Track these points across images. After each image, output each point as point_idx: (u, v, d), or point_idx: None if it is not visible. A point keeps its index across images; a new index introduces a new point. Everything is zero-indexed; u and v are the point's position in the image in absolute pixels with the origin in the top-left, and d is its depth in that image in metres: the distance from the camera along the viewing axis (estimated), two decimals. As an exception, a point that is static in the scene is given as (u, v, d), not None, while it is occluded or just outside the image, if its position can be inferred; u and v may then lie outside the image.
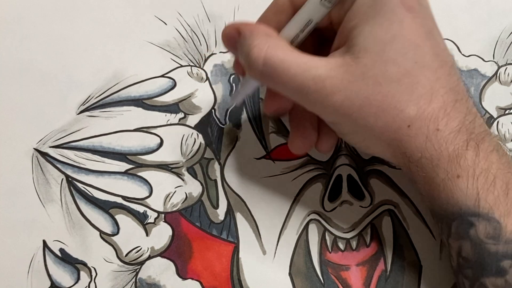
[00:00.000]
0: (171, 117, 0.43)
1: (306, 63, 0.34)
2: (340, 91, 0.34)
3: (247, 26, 0.36)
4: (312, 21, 0.35)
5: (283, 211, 0.42)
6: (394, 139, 0.35)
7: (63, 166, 0.42)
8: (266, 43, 0.34)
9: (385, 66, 0.33)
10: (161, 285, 0.41)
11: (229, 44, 0.37)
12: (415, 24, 0.34)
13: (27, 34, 0.43)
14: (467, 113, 0.34)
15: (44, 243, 0.41)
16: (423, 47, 0.34)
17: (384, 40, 0.33)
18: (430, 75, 0.34)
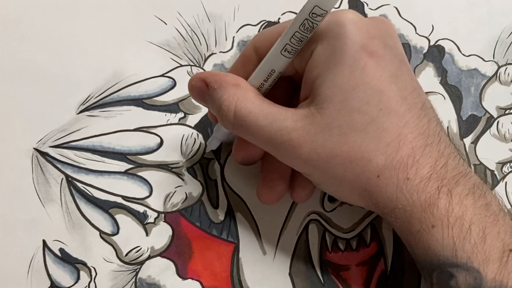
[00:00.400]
0: (171, 116, 0.43)
1: (273, 115, 0.34)
2: (306, 143, 0.33)
3: (214, 77, 0.36)
4: (275, 71, 0.35)
5: (283, 211, 0.42)
6: (365, 190, 0.34)
7: (63, 166, 0.42)
8: (235, 95, 0.35)
9: (349, 115, 0.33)
10: (161, 285, 0.41)
11: (198, 97, 0.38)
12: (378, 69, 0.33)
13: (27, 34, 0.43)
14: (439, 157, 0.33)
15: (44, 242, 0.41)
16: (387, 92, 0.33)
17: (347, 89, 0.33)
18: (397, 121, 0.33)
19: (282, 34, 0.34)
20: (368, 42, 0.33)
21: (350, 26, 0.33)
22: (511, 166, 0.44)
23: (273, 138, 0.34)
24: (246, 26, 0.44)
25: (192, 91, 0.38)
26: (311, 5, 0.31)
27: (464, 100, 0.45)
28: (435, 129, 0.34)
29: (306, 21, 0.32)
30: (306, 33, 0.32)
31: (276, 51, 0.34)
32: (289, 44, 0.33)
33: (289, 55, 0.34)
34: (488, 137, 0.44)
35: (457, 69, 0.45)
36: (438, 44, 0.45)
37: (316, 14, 0.31)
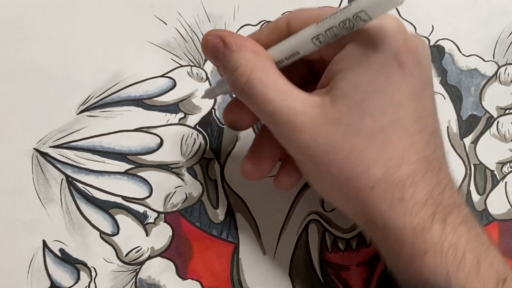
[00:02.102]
0: (171, 117, 0.43)
1: (285, 92, 0.33)
2: (310, 130, 0.32)
3: (234, 39, 0.35)
4: (299, 53, 0.34)
5: (283, 211, 0.42)
6: (356, 197, 0.33)
7: (63, 166, 0.42)
8: (253, 62, 0.34)
9: (361, 117, 0.32)
10: (161, 285, 0.41)
11: (211, 53, 0.35)
12: (403, 82, 0.32)
13: (27, 34, 0.43)
14: (437, 184, 0.32)
15: (44, 243, 0.41)
16: (405, 108, 0.32)
17: (366, 91, 0.32)
18: (406, 138, 0.32)
19: (319, 21, 0.32)
20: (402, 53, 0.32)
21: (390, 32, 0.32)
22: (511, 166, 0.44)
23: (278, 115, 0.33)
24: (246, 26, 0.44)
25: (206, 46, 0.35)
26: (358, 9, 0.30)
27: (464, 100, 0.45)
28: (439, 158, 0.33)
29: (348, 21, 0.31)
30: (343, 31, 0.32)
31: (308, 36, 0.33)
32: (322, 35, 0.32)
33: (319, 44, 0.33)
34: (488, 137, 0.44)
35: (457, 69, 0.45)
36: (438, 44, 0.45)
37: (360, 18, 0.30)
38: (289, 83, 0.34)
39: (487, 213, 0.44)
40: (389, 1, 0.29)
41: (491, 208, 0.44)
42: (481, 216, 0.44)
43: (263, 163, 0.38)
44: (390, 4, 0.29)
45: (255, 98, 0.33)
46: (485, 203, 0.44)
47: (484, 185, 0.44)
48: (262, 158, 0.38)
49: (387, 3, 0.29)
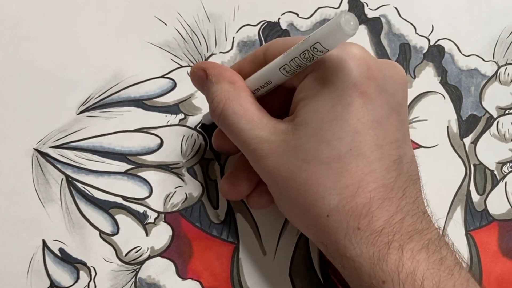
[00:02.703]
0: (171, 118, 0.43)
1: (254, 121, 0.35)
2: (273, 157, 0.34)
3: (214, 70, 0.37)
4: (271, 82, 0.35)
5: (283, 211, 0.42)
6: (313, 225, 0.33)
7: (63, 166, 0.42)
8: (228, 93, 0.35)
9: (318, 145, 0.32)
10: (161, 285, 0.41)
11: (198, 84, 0.39)
12: (362, 110, 0.32)
13: (27, 34, 0.43)
14: (396, 212, 0.32)
15: (44, 242, 0.41)
16: (363, 136, 0.32)
17: (324, 119, 0.32)
18: (363, 167, 0.32)
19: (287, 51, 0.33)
20: (363, 81, 0.32)
21: (350, 61, 0.32)
22: (511, 166, 0.44)
23: (247, 143, 0.35)
24: (246, 26, 0.44)
25: (192, 77, 0.38)
26: (313, 40, 0.31)
27: (464, 100, 0.45)
28: (401, 185, 0.33)
29: (307, 51, 0.31)
30: (305, 62, 0.32)
31: (276, 66, 0.34)
32: (288, 65, 0.33)
33: (287, 74, 0.34)
34: (488, 137, 0.44)
35: (457, 69, 0.45)
36: (438, 44, 0.45)
37: (317, 49, 0.31)
38: (260, 111, 0.35)
39: (487, 213, 0.44)
40: (339, 31, 0.29)
41: (491, 208, 0.44)
42: (481, 216, 0.44)
43: (240, 184, 0.39)
44: (341, 35, 0.30)
45: (228, 127, 0.35)
46: (485, 203, 0.44)
47: (484, 185, 0.44)
48: (239, 180, 0.39)
49: (337, 33, 0.30)
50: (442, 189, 0.44)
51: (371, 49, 0.45)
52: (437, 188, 0.44)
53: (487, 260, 0.43)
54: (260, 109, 0.36)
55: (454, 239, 0.42)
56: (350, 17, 0.29)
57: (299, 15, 0.45)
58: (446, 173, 0.44)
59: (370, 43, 0.45)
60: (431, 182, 0.43)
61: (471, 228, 0.44)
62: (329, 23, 0.30)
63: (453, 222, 0.44)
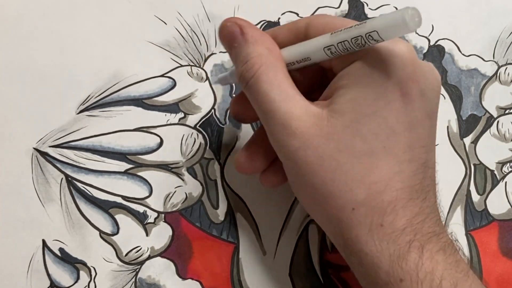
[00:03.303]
0: (171, 117, 0.43)
1: (288, 95, 0.33)
2: (301, 137, 0.32)
3: (252, 30, 0.35)
4: (310, 59, 0.34)
5: (283, 211, 0.42)
6: (335, 217, 0.33)
7: (62, 166, 0.42)
8: (264, 58, 0.34)
9: (353, 137, 0.32)
10: (161, 285, 0.41)
11: (227, 40, 0.35)
12: (402, 110, 0.32)
13: (27, 34, 0.43)
14: (419, 213, 0.32)
15: (44, 242, 0.41)
16: (398, 136, 0.32)
17: (364, 112, 0.32)
18: (394, 165, 0.32)
19: (335, 31, 0.32)
20: (407, 82, 0.32)
21: (399, 59, 0.32)
22: (511, 166, 0.44)
23: (276, 115, 0.33)
24: (246, 26, 0.44)
25: (223, 31, 0.35)
26: (371, 28, 0.30)
27: (464, 99, 0.45)
28: (424, 188, 0.33)
29: (360, 38, 0.30)
30: (355, 47, 0.31)
31: (320, 44, 0.33)
32: (334, 46, 0.32)
33: (331, 54, 0.33)
34: (488, 136, 0.44)
35: (457, 69, 0.45)
36: (438, 44, 0.45)
37: (372, 37, 0.30)
38: (294, 87, 0.34)
39: (487, 213, 0.44)
40: (402, 26, 0.29)
41: (491, 208, 0.44)
42: (481, 216, 0.44)
43: (256, 159, 0.38)
44: (403, 29, 0.29)
45: (257, 94, 0.33)
46: (485, 203, 0.44)
47: (484, 185, 0.44)
48: (256, 154, 0.38)
49: (400, 27, 0.29)
50: (442, 189, 0.44)
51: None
52: (437, 188, 0.44)
53: (487, 260, 0.43)
54: (293, 85, 0.34)
55: (454, 239, 0.42)
56: (415, 12, 0.29)
57: (299, 15, 0.45)
58: (446, 173, 0.44)
59: (370, 43, 0.45)
60: (431, 182, 0.43)
61: (471, 228, 0.44)
62: (393, 14, 0.29)
63: (453, 222, 0.44)
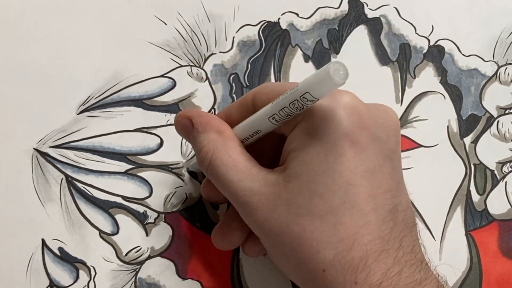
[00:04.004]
0: (171, 117, 0.43)
1: (244, 173, 0.34)
2: (263, 210, 0.33)
3: (200, 118, 0.36)
4: (261, 131, 0.35)
5: (283, 211, 0.42)
6: (310, 280, 0.32)
7: (63, 166, 0.42)
8: (215, 143, 0.35)
9: (311, 198, 0.31)
10: (161, 285, 0.41)
11: (183, 133, 0.38)
12: (355, 160, 0.31)
13: (27, 34, 0.43)
14: (393, 264, 0.31)
15: (43, 242, 0.41)
16: (357, 187, 0.31)
17: (316, 171, 0.31)
18: (358, 219, 0.31)
19: (275, 99, 0.33)
20: (354, 131, 0.31)
21: (341, 110, 0.32)
22: (511, 166, 0.44)
23: (236, 195, 0.34)
24: (246, 26, 0.44)
25: (177, 126, 0.38)
26: (303, 90, 0.30)
27: (464, 99, 0.45)
28: (397, 235, 0.32)
29: (296, 101, 0.31)
30: (294, 111, 0.32)
31: (265, 115, 0.34)
32: (277, 115, 0.33)
33: (276, 123, 0.33)
34: (488, 136, 0.44)
35: (457, 69, 0.45)
36: (438, 44, 0.45)
37: (307, 99, 0.30)
38: (250, 161, 0.35)
39: (487, 213, 0.44)
40: (330, 83, 0.29)
41: (491, 208, 0.44)
42: (481, 216, 0.44)
43: (233, 235, 0.38)
44: (331, 86, 0.29)
45: (216, 178, 0.35)
46: (485, 203, 0.44)
47: (484, 185, 0.44)
48: (232, 230, 0.38)
49: (326, 83, 0.29)
50: (442, 189, 0.44)
51: (371, 49, 0.45)
52: (437, 188, 0.44)
53: (487, 260, 0.43)
54: (250, 159, 0.35)
55: (454, 239, 0.42)
56: (339, 66, 0.29)
57: (299, 15, 0.45)
58: (446, 173, 0.44)
59: (370, 43, 0.45)
60: (431, 182, 0.43)
61: (471, 228, 0.44)
62: (318, 72, 0.29)
63: (453, 222, 0.43)
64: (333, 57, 0.44)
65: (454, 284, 0.43)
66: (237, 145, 0.35)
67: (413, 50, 0.45)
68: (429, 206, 0.43)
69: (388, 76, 0.45)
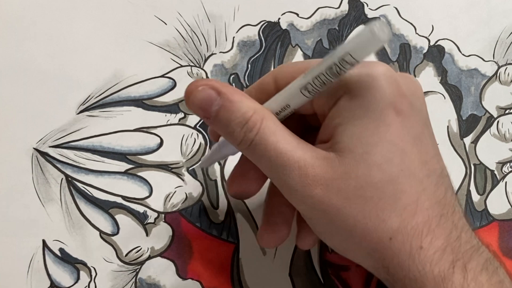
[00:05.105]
0: (171, 117, 0.43)
1: (295, 142, 0.32)
2: (321, 184, 0.31)
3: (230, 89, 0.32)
4: (290, 107, 0.32)
5: (283, 211, 0.42)
6: (375, 250, 0.32)
7: (62, 166, 0.42)
8: (261, 113, 0.32)
9: (369, 170, 0.31)
10: (161, 285, 0.41)
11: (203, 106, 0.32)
12: (403, 128, 0.31)
13: (27, 34, 0.43)
14: (453, 228, 0.31)
15: (44, 242, 0.41)
16: (409, 154, 0.31)
17: (370, 143, 0.31)
18: (416, 185, 0.31)
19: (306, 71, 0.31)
20: (397, 99, 0.31)
21: (382, 80, 0.31)
22: (511, 166, 0.44)
23: (290, 167, 0.31)
24: (246, 26, 0.44)
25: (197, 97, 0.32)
26: (343, 52, 0.29)
27: (464, 99, 0.45)
28: (450, 199, 0.32)
29: (335, 66, 0.29)
30: (331, 78, 0.30)
31: (296, 87, 0.32)
32: (311, 84, 0.31)
33: (309, 94, 0.32)
34: (488, 136, 0.44)
35: (457, 69, 0.45)
36: (438, 44, 0.45)
37: (347, 61, 0.29)
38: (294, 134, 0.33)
39: (487, 213, 0.44)
40: (372, 40, 0.28)
41: (491, 208, 0.44)
42: (481, 216, 0.44)
43: (280, 230, 0.37)
44: (374, 45, 0.28)
45: (264, 150, 0.32)
46: (485, 203, 0.44)
47: (484, 185, 0.44)
48: (277, 225, 0.37)
49: (371, 44, 0.28)
50: (442, 189, 0.44)
51: (371, 49, 0.45)
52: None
53: (487, 260, 0.43)
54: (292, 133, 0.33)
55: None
56: (382, 23, 0.28)
57: (299, 15, 0.45)
58: (446, 173, 0.44)
59: (370, 43, 0.45)
60: (431, 182, 0.43)
61: (471, 228, 0.44)
62: (360, 32, 0.28)
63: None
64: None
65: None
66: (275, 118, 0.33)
67: (413, 50, 0.45)
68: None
69: (388, 76, 0.45)
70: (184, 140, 0.42)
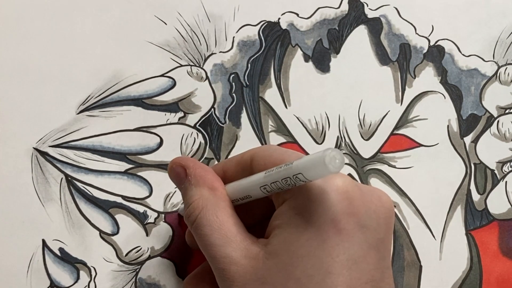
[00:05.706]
0: (171, 116, 0.43)
1: (227, 239, 0.33)
2: (239, 283, 0.31)
3: (195, 171, 0.35)
4: (251, 197, 0.34)
5: (283, 211, 0.42)
6: None
7: (62, 166, 0.42)
8: (205, 201, 0.34)
9: (286, 281, 0.30)
10: (161, 285, 0.41)
11: (175, 181, 0.37)
12: (338, 248, 0.30)
13: (27, 34, 0.43)
14: None
15: (44, 242, 0.41)
16: (335, 276, 0.30)
17: (296, 254, 0.30)
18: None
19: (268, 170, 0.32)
20: (341, 217, 0.30)
21: (332, 194, 0.31)
22: (511, 165, 0.44)
23: (216, 260, 0.33)
24: (246, 26, 0.44)
25: (170, 173, 0.37)
26: (297, 170, 0.30)
27: (464, 99, 0.45)
28: None
29: (289, 179, 0.30)
30: (286, 186, 0.31)
31: (257, 183, 0.33)
32: (268, 186, 0.32)
33: (267, 192, 0.33)
34: (488, 136, 0.44)
35: (457, 69, 0.45)
36: (438, 44, 0.45)
37: (299, 179, 0.30)
38: (237, 225, 0.33)
39: (487, 212, 0.44)
40: (324, 170, 0.28)
41: (491, 207, 0.44)
42: (481, 216, 0.44)
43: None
44: (324, 171, 0.28)
45: (199, 237, 0.33)
46: (485, 203, 0.44)
47: (484, 184, 0.44)
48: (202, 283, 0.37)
49: (320, 169, 0.28)
50: (443, 188, 0.44)
51: (371, 49, 0.45)
52: (437, 187, 0.44)
53: (487, 260, 0.43)
54: (237, 223, 0.34)
55: (454, 239, 0.42)
56: (336, 154, 0.28)
57: (299, 15, 0.45)
58: (446, 172, 0.44)
59: (370, 43, 0.45)
60: (432, 181, 0.43)
61: (471, 228, 0.44)
62: (314, 156, 0.29)
63: (453, 221, 0.44)
64: (333, 57, 0.44)
65: (454, 283, 0.43)
66: (227, 206, 0.34)
67: (413, 50, 0.45)
68: (429, 206, 0.43)
69: (388, 76, 0.45)
70: (184, 139, 0.42)
